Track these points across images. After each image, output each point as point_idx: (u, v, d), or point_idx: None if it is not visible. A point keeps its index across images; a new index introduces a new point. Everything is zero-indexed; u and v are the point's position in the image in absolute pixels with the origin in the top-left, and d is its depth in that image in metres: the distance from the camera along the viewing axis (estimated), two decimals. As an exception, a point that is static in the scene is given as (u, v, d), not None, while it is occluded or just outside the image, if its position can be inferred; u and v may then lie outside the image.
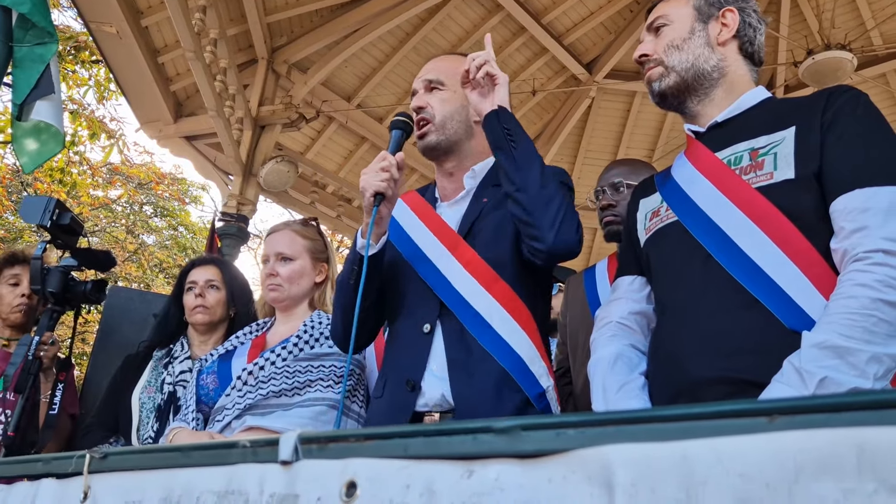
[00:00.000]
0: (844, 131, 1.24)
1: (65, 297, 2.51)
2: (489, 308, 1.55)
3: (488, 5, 6.17)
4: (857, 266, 1.11)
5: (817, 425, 0.44)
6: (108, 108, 18.62)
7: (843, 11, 6.08)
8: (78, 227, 2.52)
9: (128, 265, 14.01)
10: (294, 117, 5.80)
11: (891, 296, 1.06)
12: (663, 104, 1.51)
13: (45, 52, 2.64)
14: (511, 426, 0.58)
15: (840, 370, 1.04)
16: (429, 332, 1.58)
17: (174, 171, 15.51)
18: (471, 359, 1.51)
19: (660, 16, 1.52)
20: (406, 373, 1.57)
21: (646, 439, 0.51)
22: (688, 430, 0.50)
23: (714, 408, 0.49)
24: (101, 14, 4.93)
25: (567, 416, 0.56)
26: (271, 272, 2.06)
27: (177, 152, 6.20)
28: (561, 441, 0.55)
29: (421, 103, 1.71)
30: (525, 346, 1.53)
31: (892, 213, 1.12)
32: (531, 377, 1.51)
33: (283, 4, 5.68)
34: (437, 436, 0.63)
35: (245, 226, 5.68)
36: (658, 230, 1.47)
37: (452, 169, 1.76)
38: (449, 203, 1.75)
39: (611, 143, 7.50)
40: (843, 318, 1.07)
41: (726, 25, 1.48)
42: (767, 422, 0.46)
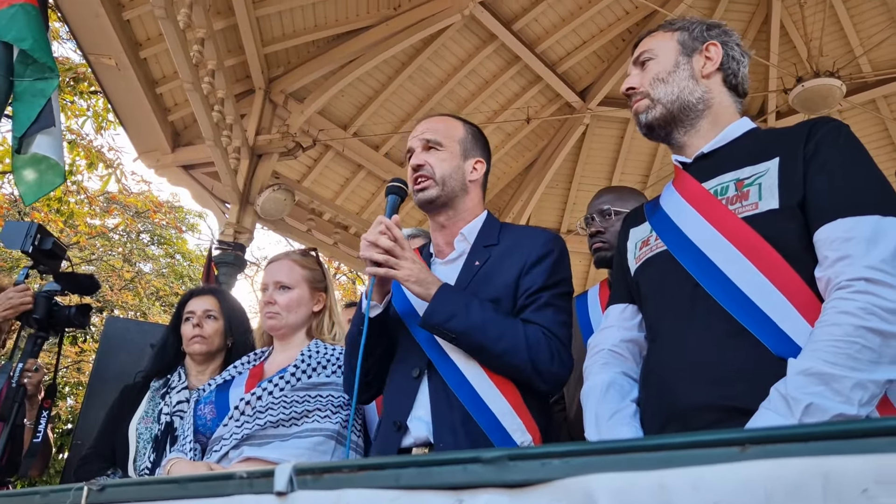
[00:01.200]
0: (826, 162, 1.27)
1: (49, 322, 2.51)
2: (466, 364, 1.64)
3: (483, 35, 6.27)
4: (840, 294, 1.14)
5: (786, 454, 0.46)
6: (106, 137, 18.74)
7: (830, 39, 6.19)
8: (60, 252, 2.53)
9: (124, 293, 13.97)
10: (291, 146, 5.85)
11: (874, 323, 1.08)
12: (650, 135, 1.55)
13: (46, 87, 2.68)
14: (498, 456, 0.60)
15: (825, 396, 1.06)
16: (417, 376, 1.68)
17: (171, 200, 15.56)
18: (452, 409, 1.61)
19: (645, 50, 1.57)
20: (395, 415, 1.67)
21: (627, 469, 0.53)
22: (666, 459, 0.52)
23: (690, 438, 0.51)
24: (100, 46, 4.99)
25: (552, 447, 0.58)
26: (269, 300, 2.08)
27: (174, 181, 6.24)
28: (546, 471, 0.57)
29: (420, 161, 1.81)
30: (497, 401, 1.60)
31: (875, 241, 1.15)
32: (502, 432, 1.58)
33: (280, 36, 5.76)
34: (429, 466, 0.65)
35: (242, 254, 5.70)
36: (647, 259, 1.50)
37: (445, 222, 1.85)
38: (443, 261, 1.85)
39: (605, 169, 7.57)
40: (828, 345, 1.09)
41: (710, 59, 1.52)
42: (739, 451, 0.48)
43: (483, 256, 1.76)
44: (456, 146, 1.84)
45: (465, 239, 1.82)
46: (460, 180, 1.83)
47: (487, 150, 1.96)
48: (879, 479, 0.42)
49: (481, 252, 1.78)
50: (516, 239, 1.79)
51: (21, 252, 2.46)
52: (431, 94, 6.62)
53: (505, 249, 1.77)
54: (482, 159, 1.90)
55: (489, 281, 1.71)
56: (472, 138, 1.90)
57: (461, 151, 1.85)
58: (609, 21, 6.50)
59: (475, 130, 1.94)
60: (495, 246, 1.78)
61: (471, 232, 1.83)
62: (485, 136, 1.98)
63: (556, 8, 6.23)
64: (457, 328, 1.58)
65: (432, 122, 1.90)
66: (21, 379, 2.39)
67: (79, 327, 2.60)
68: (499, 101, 6.87)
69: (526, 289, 1.70)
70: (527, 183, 7.54)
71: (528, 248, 1.74)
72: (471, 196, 1.86)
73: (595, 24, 6.50)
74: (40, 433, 2.46)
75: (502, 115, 6.89)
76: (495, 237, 1.81)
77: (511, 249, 1.76)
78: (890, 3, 6.05)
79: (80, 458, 2.51)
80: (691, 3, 5.97)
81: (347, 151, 6.73)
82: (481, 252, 1.78)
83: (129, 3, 4.94)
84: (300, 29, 5.77)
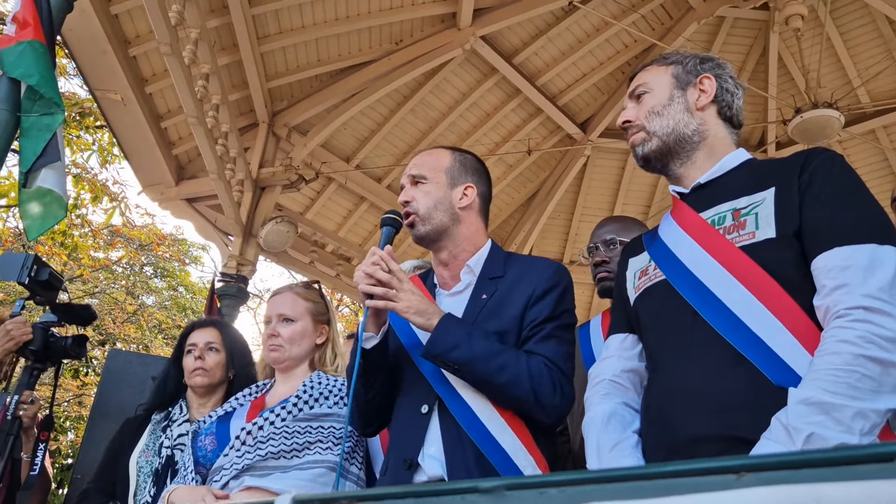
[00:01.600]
0: (822, 191, 1.29)
1: (45, 353, 2.50)
2: (476, 401, 1.62)
3: (484, 69, 6.35)
4: (839, 323, 1.14)
5: (780, 482, 0.46)
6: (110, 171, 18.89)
7: (828, 71, 6.26)
8: (57, 283, 2.53)
9: (127, 326, 13.97)
10: (294, 178, 5.90)
11: (873, 351, 1.08)
12: (647, 167, 1.57)
13: (52, 122, 2.72)
14: (496, 486, 0.60)
15: (826, 426, 1.05)
16: (427, 412, 1.65)
17: (174, 232, 15.63)
18: (464, 447, 1.59)
19: (640, 84, 1.59)
20: (404, 452, 1.64)
21: (625, 497, 0.53)
22: (664, 487, 0.52)
23: (687, 466, 0.52)
24: (106, 82, 5.07)
25: (550, 476, 0.58)
26: (273, 333, 2.09)
27: (178, 214, 6.28)
28: (544, 500, 0.57)
29: (407, 198, 1.83)
30: (508, 438, 1.59)
31: (871, 270, 1.15)
32: (515, 469, 1.56)
33: (284, 70, 5.84)
34: (428, 496, 0.65)
35: (245, 286, 5.72)
36: (647, 289, 1.50)
37: (447, 259, 1.85)
38: (449, 293, 1.84)
39: (607, 200, 7.61)
40: (828, 374, 1.10)
41: (704, 91, 1.55)
42: (736, 479, 0.49)
43: (490, 289, 1.76)
44: (441, 176, 1.84)
45: (470, 271, 1.82)
46: (448, 210, 1.82)
47: (483, 175, 1.94)
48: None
49: (488, 285, 1.77)
50: (522, 270, 1.79)
51: (17, 283, 2.46)
52: (433, 126, 6.68)
53: (511, 281, 1.76)
54: (472, 184, 1.87)
55: (497, 314, 1.71)
56: (461, 165, 1.89)
57: (448, 181, 1.84)
58: (608, 54, 6.59)
59: (466, 157, 1.92)
60: (501, 278, 1.78)
61: (476, 263, 1.82)
62: (480, 162, 1.97)
63: (556, 42, 6.32)
64: (460, 359, 1.57)
65: (421, 156, 1.92)
66: (17, 411, 2.38)
67: (75, 358, 2.60)
68: (500, 133, 6.93)
69: (531, 321, 1.69)
70: (529, 214, 7.58)
71: (535, 280, 1.74)
72: (466, 224, 1.84)
73: (594, 58, 6.58)
74: (37, 466, 2.44)
75: (504, 147, 6.95)
76: (501, 269, 1.80)
77: (517, 281, 1.76)
78: (886, 34, 6.13)
79: (80, 492, 2.49)
80: (689, 37, 6.06)
81: (350, 184, 6.78)
82: (488, 285, 1.77)
83: (135, 40, 5.03)
84: (303, 64, 5.86)
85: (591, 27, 6.29)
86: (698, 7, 6.01)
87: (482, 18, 5.83)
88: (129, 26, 4.95)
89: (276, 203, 6.03)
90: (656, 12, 6.24)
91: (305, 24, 5.56)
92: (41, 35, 2.78)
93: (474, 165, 1.93)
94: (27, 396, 2.43)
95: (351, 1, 5.51)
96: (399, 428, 1.73)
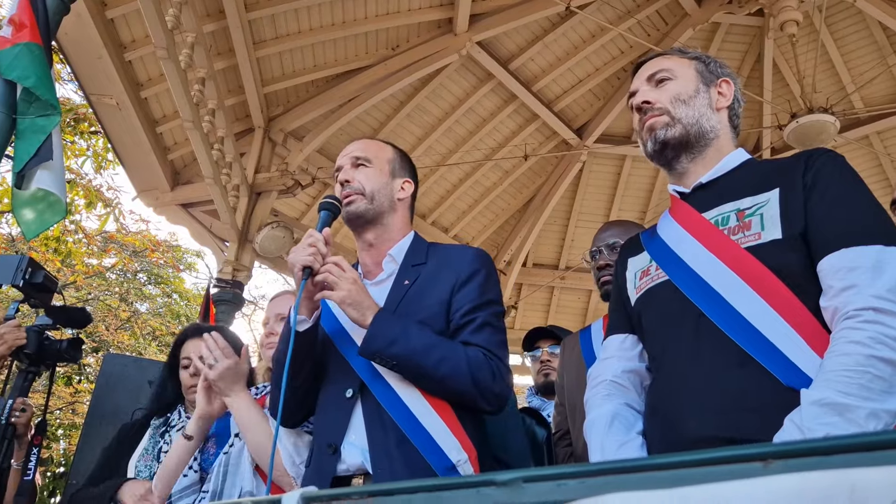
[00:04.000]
0: (826, 192, 1.28)
1: (40, 356, 2.47)
2: (400, 384, 1.61)
3: (480, 74, 6.36)
4: (849, 324, 1.13)
5: (810, 468, 0.45)
6: (105, 177, 18.82)
7: (823, 77, 6.29)
8: (52, 285, 2.50)
9: (120, 333, 13.89)
10: (290, 184, 5.89)
11: (883, 352, 1.08)
12: (660, 154, 1.52)
13: (47, 124, 2.70)
14: (513, 479, 0.59)
15: (840, 427, 1.05)
16: (351, 397, 1.64)
17: (169, 239, 15.56)
18: (386, 432, 1.58)
19: (663, 69, 1.56)
20: (328, 437, 1.63)
21: (645, 487, 0.52)
22: (685, 477, 0.51)
23: (710, 454, 0.50)
24: (101, 87, 5.05)
25: (567, 467, 0.57)
26: (272, 332, 2.09)
27: (173, 220, 6.26)
28: (562, 492, 0.56)
29: (348, 177, 1.84)
30: (432, 420, 1.58)
31: (879, 270, 1.15)
32: (439, 452, 1.55)
33: (280, 76, 5.84)
34: (440, 490, 0.64)
35: (240, 292, 5.69)
36: (649, 289, 1.49)
37: (373, 240, 1.86)
38: (372, 282, 1.84)
39: (603, 205, 7.62)
40: (840, 375, 1.09)
41: (722, 94, 1.55)
42: (762, 466, 0.47)
43: (412, 276, 1.76)
44: (385, 165, 1.88)
45: (393, 260, 1.82)
46: (389, 197, 1.85)
47: (415, 175, 1.99)
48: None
49: (410, 271, 1.78)
50: (445, 257, 1.80)
51: (12, 286, 2.43)
52: (430, 132, 6.69)
53: (434, 268, 1.77)
54: (410, 180, 1.93)
55: (420, 300, 1.70)
56: (401, 160, 1.95)
57: (390, 170, 1.89)
58: (604, 60, 6.61)
59: (403, 154, 1.99)
60: (424, 265, 1.79)
61: (399, 252, 1.83)
62: (412, 162, 2.02)
63: (552, 48, 6.33)
64: (397, 354, 1.56)
65: (363, 142, 1.95)
66: (10, 417, 2.35)
67: (70, 361, 2.57)
68: (496, 138, 6.94)
69: (459, 307, 1.69)
70: (525, 219, 7.58)
71: (458, 265, 1.75)
72: (398, 215, 1.88)
73: (590, 63, 6.60)
74: (31, 471, 2.41)
75: (500, 153, 6.96)
76: (423, 256, 1.82)
77: (440, 267, 1.76)
78: (880, 40, 6.16)
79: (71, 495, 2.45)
80: (685, 43, 6.07)
81: (346, 189, 6.76)
82: (410, 271, 1.78)
83: (130, 45, 5.02)
84: (299, 69, 5.86)
85: (587, 33, 6.31)
86: (694, 13, 6.04)
87: (478, 24, 5.84)
88: (124, 31, 4.94)
89: (271, 208, 6.02)
90: (652, 18, 6.26)
91: (302, 30, 5.56)
92: (38, 37, 2.76)
93: (410, 165, 1.99)
94: (19, 404, 2.40)
95: (347, 6, 5.52)
96: (323, 413, 1.71)
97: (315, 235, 1.66)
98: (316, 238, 1.66)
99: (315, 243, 1.64)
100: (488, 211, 7.58)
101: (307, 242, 1.65)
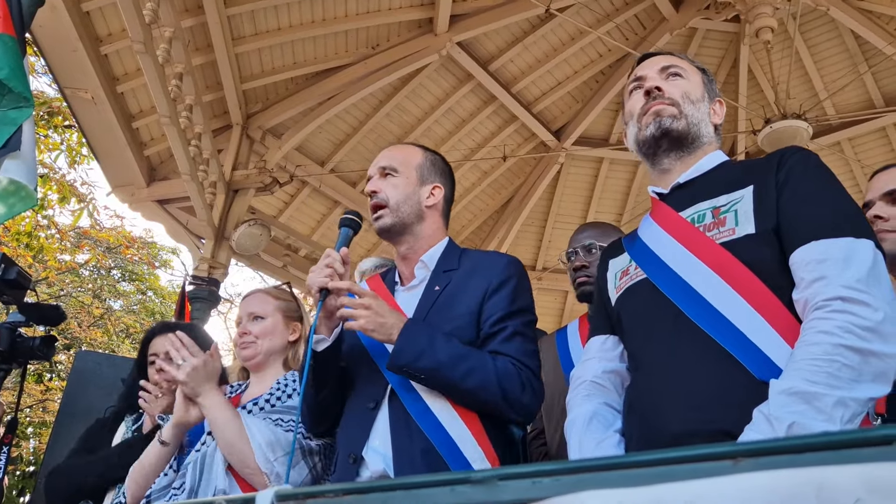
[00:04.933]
0: (798, 188, 1.31)
1: (12, 354, 2.44)
2: (429, 393, 1.61)
3: (460, 75, 6.37)
4: (818, 314, 1.16)
5: (779, 466, 0.46)
6: (79, 171, 18.54)
7: (797, 83, 6.39)
8: (25, 282, 2.46)
9: (93, 331, 13.70)
10: (267, 181, 5.85)
11: (851, 341, 1.10)
12: (656, 142, 1.53)
13: (19, 116, 2.65)
14: (488, 476, 0.59)
15: (807, 415, 1.06)
16: (373, 408, 1.65)
17: (144, 235, 15.38)
18: (412, 440, 1.58)
19: (676, 65, 1.59)
20: (350, 447, 1.64)
21: (620, 485, 0.53)
22: (660, 474, 0.51)
23: (682, 452, 0.51)
24: (76, 80, 4.98)
25: (543, 465, 0.58)
26: (244, 331, 2.07)
27: (149, 216, 6.19)
28: (537, 489, 0.57)
29: (375, 188, 1.83)
30: (460, 430, 1.59)
31: (848, 262, 1.17)
32: (464, 461, 1.55)
33: (259, 72, 5.80)
34: (416, 489, 0.64)
35: (216, 289, 5.64)
36: (628, 288, 1.51)
37: (406, 252, 1.86)
38: (406, 288, 1.85)
39: (580, 207, 7.67)
40: (808, 364, 1.11)
41: (715, 113, 1.58)
42: (732, 464, 0.48)
43: (443, 282, 1.76)
44: (412, 172, 1.85)
45: (425, 266, 1.82)
46: (415, 206, 1.83)
47: (449, 176, 1.95)
48: (872, 489, 0.42)
49: (441, 277, 1.78)
50: (476, 263, 1.79)
51: None
52: (409, 131, 6.68)
53: (465, 274, 1.77)
54: (440, 185, 1.89)
55: (450, 306, 1.71)
56: (431, 164, 1.91)
57: (417, 177, 1.85)
58: (583, 63, 6.66)
59: (436, 158, 1.94)
60: (455, 271, 1.78)
61: (431, 258, 1.82)
62: (448, 165, 1.98)
63: (532, 49, 6.36)
64: (425, 367, 1.56)
65: (391, 150, 1.93)
66: None
67: (43, 359, 2.53)
68: (475, 139, 6.95)
69: (489, 316, 1.68)
70: (503, 220, 7.60)
71: (489, 273, 1.74)
72: (429, 222, 1.85)
73: (569, 66, 6.64)
74: (0, 470, 2.38)
75: (479, 154, 6.97)
76: (456, 262, 1.81)
77: (471, 274, 1.76)
78: (852, 48, 6.27)
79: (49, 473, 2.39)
80: (662, 48, 6.13)
81: (324, 188, 6.74)
82: (441, 277, 1.78)
83: (107, 38, 4.95)
84: (279, 66, 5.82)
85: (567, 35, 6.35)
86: (671, 18, 6.10)
87: (459, 24, 5.85)
88: (100, 24, 4.87)
89: (249, 206, 5.97)
90: (630, 22, 6.31)
91: (281, 26, 5.53)
92: (11, 29, 2.72)
93: (442, 167, 1.95)
94: None
95: (327, 4, 5.49)
96: (346, 426, 1.72)
97: (332, 255, 1.66)
98: (333, 258, 1.65)
99: (332, 263, 1.64)
100: (466, 211, 7.59)
101: (324, 263, 1.65)
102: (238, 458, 1.75)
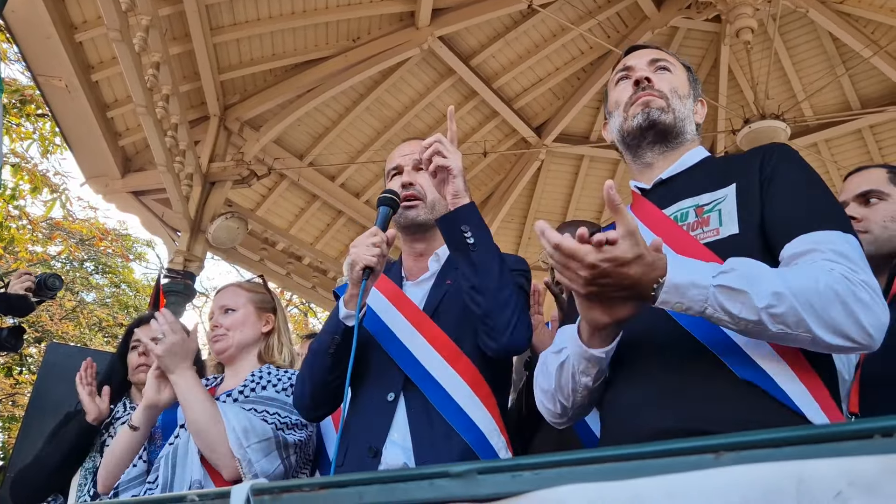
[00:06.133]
0: (783, 184, 1.31)
1: None
2: (452, 382, 1.60)
3: (441, 69, 6.35)
4: (814, 259, 1.17)
5: (760, 459, 0.46)
6: (52, 161, 18.24)
7: (776, 84, 6.46)
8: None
9: (65, 324, 13.50)
10: (245, 174, 5.80)
11: (844, 283, 1.09)
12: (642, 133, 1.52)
13: (-12, 103, 2.61)
14: (467, 470, 0.59)
15: (759, 267, 1.13)
16: (393, 400, 1.61)
17: (119, 227, 15.18)
18: (433, 431, 1.55)
19: (665, 59, 1.59)
20: (368, 439, 1.59)
21: (599, 479, 0.52)
22: (639, 468, 0.51)
23: (663, 446, 0.51)
24: (50, 68, 4.89)
25: (522, 459, 0.57)
26: (215, 324, 2.05)
27: (123, 207, 6.10)
28: (517, 483, 0.56)
29: (411, 180, 1.80)
30: (485, 420, 1.57)
31: (840, 247, 1.17)
32: (491, 451, 1.55)
33: (237, 63, 5.73)
34: (394, 482, 0.63)
35: (191, 283, 5.59)
36: None
37: (423, 250, 1.84)
38: (414, 282, 1.82)
39: (560, 204, 7.69)
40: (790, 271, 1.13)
41: (697, 112, 1.60)
42: (714, 458, 0.48)
43: (454, 275, 1.74)
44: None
45: (438, 258, 1.81)
46: (445, 208, 1.77)
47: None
48: (852, 482, 0.42)
49: (453, 272, 1.75)
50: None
51: None
52: (389, 125, 6.65)
53: None
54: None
55: (460, 299, 1.68)
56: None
57: None
58: (564, 60, 6.67)
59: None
60: None
61: (444, 251, 1.81)
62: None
63: (514, 45, 6.36)
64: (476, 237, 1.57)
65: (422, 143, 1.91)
66: None
67: (11, 350, 2.49)
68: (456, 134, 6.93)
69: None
70: (483, 216, 7.58)
71: None
72: None
73: (551, 63, 6.65)
74: None
75: (459, 149, 6.95)
76: None
77: None
78: (829, 51, 6.35)
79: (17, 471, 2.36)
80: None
81: (303, 181, 6.69)
82: (453, 272, 1.75)
83: (82, 25, 4.87)
84: (258, 57, 5.76)
85: (549, 32, 6.35)
86: (653, 16, 6.13)
87: (441, 18, 5.83)
88: (75, 10, 4.79)
89: (226, 198, 5.92)
90: (612, 20, 6.34)
91: (261, 17, 5.47)
92: (-18, 13, 2.66)
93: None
94: None
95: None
96: (363, 416, 1.67)
97: (380, 235, 1.60)
98: (381, 238, 1.59)
99: (380, 244, 1.58)
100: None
101: (372, 241, 1.58)
102: (207, 440, 1.73)
